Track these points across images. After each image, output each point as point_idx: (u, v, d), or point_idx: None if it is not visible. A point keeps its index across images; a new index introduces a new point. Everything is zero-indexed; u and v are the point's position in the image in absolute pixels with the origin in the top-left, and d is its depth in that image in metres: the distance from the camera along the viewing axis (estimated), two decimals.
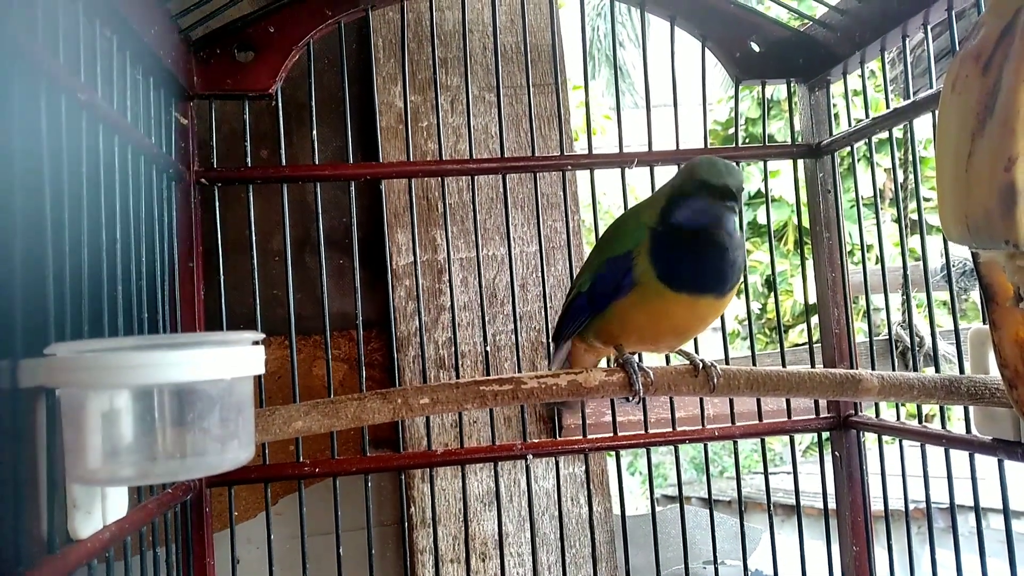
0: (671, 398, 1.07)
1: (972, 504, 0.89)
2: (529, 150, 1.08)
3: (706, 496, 1.13)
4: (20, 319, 0.52)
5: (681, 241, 0.80)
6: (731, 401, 1.08)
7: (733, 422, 1.08)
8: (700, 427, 1.08)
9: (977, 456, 0.87)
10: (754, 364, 1.10)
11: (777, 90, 1.15)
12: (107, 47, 0.74)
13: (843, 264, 1.12)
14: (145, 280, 0.80)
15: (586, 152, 1.10)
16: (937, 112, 0.70)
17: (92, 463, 0.55)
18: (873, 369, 1.02)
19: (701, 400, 1.08)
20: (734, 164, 0.81)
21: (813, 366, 1.11)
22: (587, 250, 1.02)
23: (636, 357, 0.88)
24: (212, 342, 0.57)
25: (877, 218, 1.07)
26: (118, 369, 0.52)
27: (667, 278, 0.80)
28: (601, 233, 0.96)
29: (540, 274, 1.08)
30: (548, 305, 1.12)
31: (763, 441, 1.11)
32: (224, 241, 1.00)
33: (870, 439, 1.10)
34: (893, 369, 1.64)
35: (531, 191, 1.14)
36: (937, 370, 0.97)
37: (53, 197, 0.58)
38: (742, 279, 0.85)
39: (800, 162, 1.13)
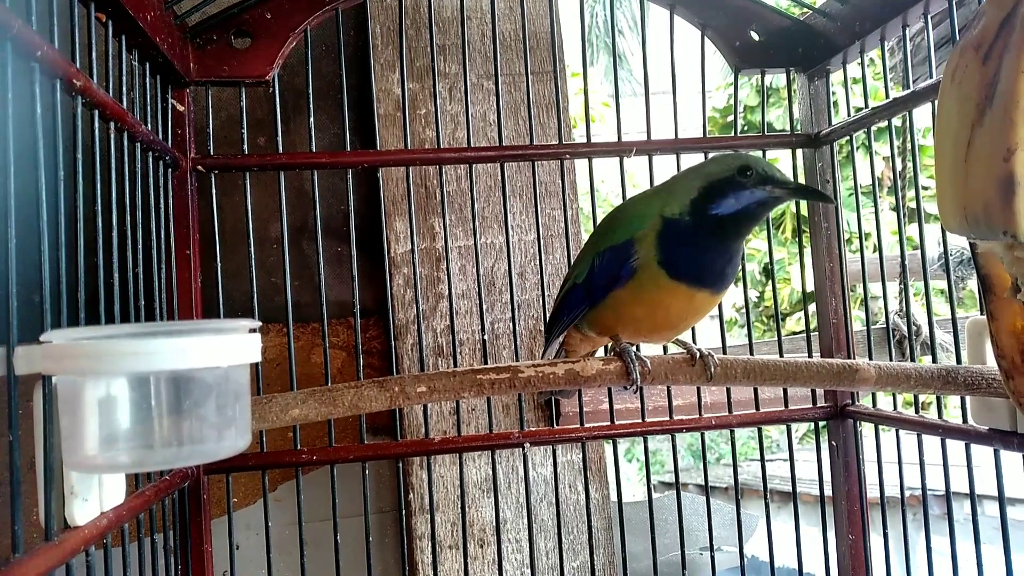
0: (668, 387, 1.08)
1: (968, 491, 0.89)
2: (527, 138, 1.08)
3: (703, 483, 1.14)
4: (16, 306, 0.52)
5: (699, 231, 0.80)
6: (728, 390, 1.09)
7: (730, 411, 1.09)
8: (697, 416, 1.08)
9: (973, 445, 0.88)
10: (751, 352, 1.10)
11: (776, 77, 1.14)
12: (102, 33, 0.73)
13: (841, 253, 1.12)
14: (141, 267, 0.80)
15: (585, 140, 1.09)
16: (937, 102, 0.70)
17: (89, 450, 0.55)
18: (870, 358, 1.02)
19: (698, 389, 1.08)
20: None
21: (811, 355, 1.12)
22: (585, 238, 1.02)
23: (633, 346, 0.88)
24: (209, 330, 0.57)
25: (875, 207, 1.06)
26: (115, 356, 0.52)
27: (669, 266, 0.80)
28: (598, 222, 0.96)
29: (538, 262, 1.08)
30: (546, 293, 1.12)
31: (760, 429, 1.11)
32: (221, 229, 1.00)
33: (867, 428, 1.10)
34: (890, 358, 1.64)
35: (529, 179, 1.13)
36: (934, 359, 0.97)
37: (48, 183, 0.57)
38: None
39: (799, 151, 1.13)
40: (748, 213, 0.81)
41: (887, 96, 0.97)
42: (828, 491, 1.11)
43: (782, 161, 1.15)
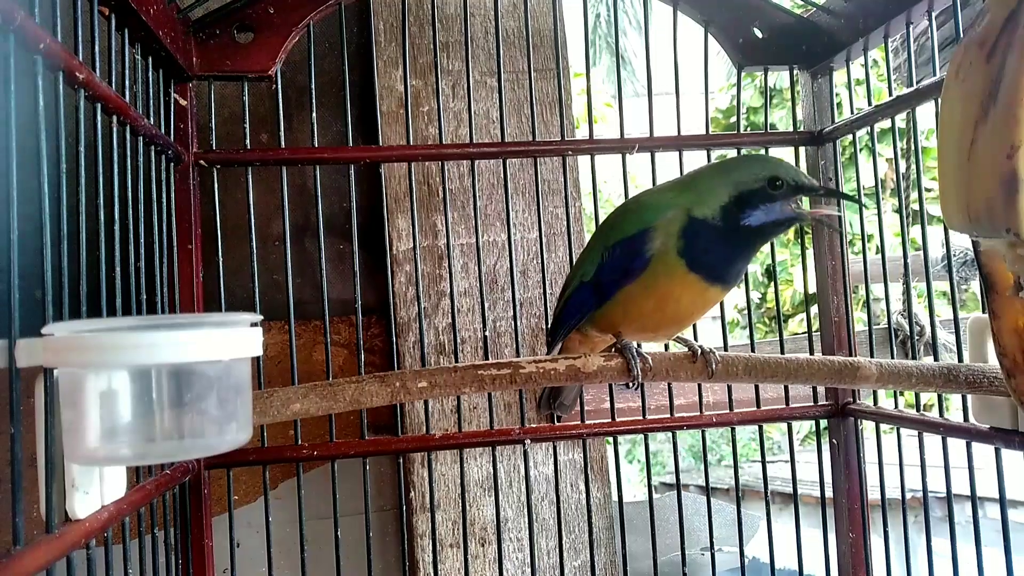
0: (669, 385, 1.07)
1: (969, 493, 0.89)
2: (530, 136, 1.08)
3: (704, 483, 1.14)
4: (19, 299, 0.52)
5: (724, 235, 0.81)
6: (729, 388, 1.09)
7: (731, 409, 1.08)
8: (698, 413, 1.08)
9: (974, 445, 0.87)
10: (753, 352, 1.10)
11: (779, 79, 1.14)
12: (105, 27, 0.73)
13: (843, 253, 1.11)
14: (143, 262, 0.80)
15: (587, 138, 1.09)
16: (940, 99, 0.70)
17: (90, 443, 0.55)
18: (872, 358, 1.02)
19: (699, 387, 1.08)
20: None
21: (812, 355, 1.11)
22: (588, 237, 1.02)
23: (635, 343, 0.87)
24: (210, 323, 0.57)
25: (878, 207, 1.06)
26: (116, 349, 0.52)
27: (690, 258, 0.80)
28: (601, 221, 0.96)
29: (540, 260, 1.08)
30: (548, 291, 1.12)
31: (761, 429, 1.11)
32: (224, 225, 1.00)
33: (868, 428, 1.10)
34: (892, 358, 1.64)
35: (532, 177, 1.13)
36: (936, 359, 0.97)
37: (50, 177, 0.57)
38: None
39: (802, 150, 1.13)
40: (775, 227, 0.82)
41: (891, 94, 0.97)
42: (829, 492, 1.11)
43: (785, 159, 1.14)
